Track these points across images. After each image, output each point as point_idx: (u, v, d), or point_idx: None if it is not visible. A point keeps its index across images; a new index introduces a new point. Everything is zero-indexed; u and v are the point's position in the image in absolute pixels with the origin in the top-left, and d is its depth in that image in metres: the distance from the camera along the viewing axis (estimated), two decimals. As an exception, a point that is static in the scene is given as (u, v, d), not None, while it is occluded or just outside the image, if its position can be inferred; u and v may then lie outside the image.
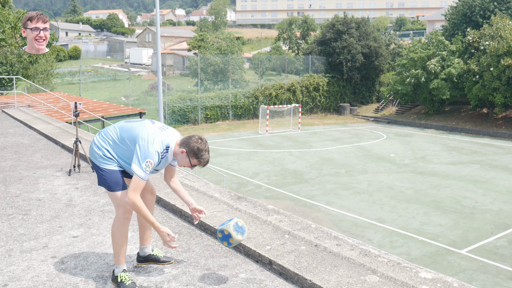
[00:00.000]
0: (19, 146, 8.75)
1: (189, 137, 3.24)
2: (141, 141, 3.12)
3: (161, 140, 3.17)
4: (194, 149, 3.17)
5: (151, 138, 3.13)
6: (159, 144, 3.14)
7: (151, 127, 3.23)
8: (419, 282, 3.03)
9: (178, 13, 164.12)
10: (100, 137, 3.33)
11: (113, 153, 3.28)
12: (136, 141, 3.15)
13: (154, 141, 3.13)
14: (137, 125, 3.26)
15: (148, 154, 3.09)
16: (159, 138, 3.17)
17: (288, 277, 3.32)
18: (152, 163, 3.10)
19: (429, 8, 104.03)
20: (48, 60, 38.00)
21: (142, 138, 3.13)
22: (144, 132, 3.17)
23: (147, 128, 3.20)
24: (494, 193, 17.11)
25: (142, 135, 3.15)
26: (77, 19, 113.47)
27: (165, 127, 3.30)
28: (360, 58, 40.77)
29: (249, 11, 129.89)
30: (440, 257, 11.43)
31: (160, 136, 3.19)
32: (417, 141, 28.88)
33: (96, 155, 3.30)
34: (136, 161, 3.09)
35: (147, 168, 3.09)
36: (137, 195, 3.10)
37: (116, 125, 3.35)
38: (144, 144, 3.11)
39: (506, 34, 31.74)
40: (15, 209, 4.93)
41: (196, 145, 3.17)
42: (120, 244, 3.27)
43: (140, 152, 3.09)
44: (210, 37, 51.01)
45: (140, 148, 3.10)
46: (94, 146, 3.32)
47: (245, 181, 18.37)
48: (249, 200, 4.86)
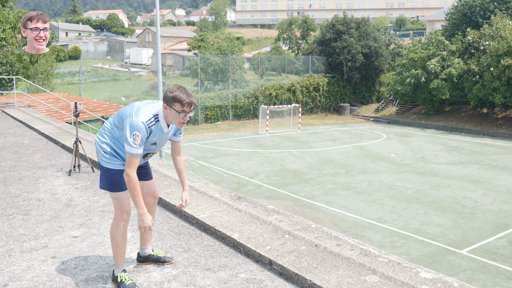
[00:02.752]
0: (19, 146, 8.75)
1: (164, 93, 3.16)
2: (127, 118, 3.09)
3: (148, 110, 3.12)
4: (170, 97, 3.08)
5: (135, 111, 3.10)
6: (145, 115, 3.08)
7: (138, 103, 3.23)
8: (419, 282, 3.03)
9: (178, 13, 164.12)
10: (99, 133, 3.35)
11: (112, 145, 3.26)
12: (123, 120, 3.13)
13: (139, 113, 3.08)
14: (125, 107, 3.27)
15: (134, 127, 3.04)
16: (145, 109, 3.12)
17: (288, 277, 3.32)
18: (139, 136, 3.04)
19: (429, 8, 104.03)
20: (48, 60, 38.01)
21: (127, 114, 3.11)
22: (129, 108, 3.16)
23: (133, 105, 3.19)
24: (494, 193, 17.10)
25: (128, 111, 3.14)
26: (77, 19, 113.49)
27: (154, 101, 3.25)
28: (360, 58, 40.77)
29: (249, 11, 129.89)
30: (440, 257, 11.43)
31: (146, 107, 3.14)
32: (417, 141, 28.88)
33: (99, 153, 3.31)
34: (125, 139, 3.06)
35: (135, 141, 3.04)
36: (132, 171, 3.07)
37: (110, 117, 3.38)
38: (129, 119, 3.07)
39: (506, 34, 31.74)
40: (15, 209, 4.93)
41: (170, 94, 3.09)
42: (119, 245, 3.28)
43: (128, 128, 3.05)
44: (210, 37, 51.00)
45: (127, 124, 3.06)
46: (97, 144, 3.32)
47: (245, 181, 18.36)
48: (249, 200, 4.86)
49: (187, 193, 3.49)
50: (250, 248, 3.67)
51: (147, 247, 3.60)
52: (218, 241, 4.05)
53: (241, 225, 4.14)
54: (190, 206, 4.69)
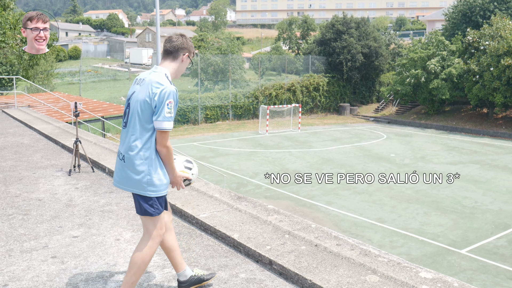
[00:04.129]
0: (19, 146, 8.75)
1: (175, 43, 2.94)
2: (155, 93, 2.78)
3: (159, 76, 2.84)
4: (190, 45, 2.97)
5: (156, 80, 2.80)
6: (164, 79, 2.82)
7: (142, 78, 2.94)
8: (419, 282, 3.03)
9: (178, 13, 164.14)
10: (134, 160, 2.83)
11: (146, 158, 2.85)
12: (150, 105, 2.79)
13: (160, 81, 2.80)
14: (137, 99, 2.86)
15: (167, 94, 2.76)
16: (159, 75, 2.84)
17: (288, 277, 3.32)
18: (173, 102, 2.79)
19: (429, 8, 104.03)
20: (48, 60, 37.99)
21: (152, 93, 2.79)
22: (146, 90, 2.82)
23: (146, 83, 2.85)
24: (494, 193, 17.10)
25: (149, 92, 2.80)
26: (77, 19, 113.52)
27: (154, 68, 2.96)
28: (360, 58, 40.77)
29: (249, 11, 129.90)
30: (440, 257, 11.43)
31: (155, 75, 2.86)
32: (417, 141, 28.88)
33: (140, 182, 2.85)
34: (158, 114, 2.76)
35: (171, 110, 2.79)
36: (169, 142, 2.87)
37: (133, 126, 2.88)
38: (159, 90, 2.77)
39: (506, 34, 31.74)
40: (15, 209, 4.93)
41: (190, 42, 2.98)
42: (143, 271, 2.95)
43: (160, 99, 2.75)
44: (210, 37, 50.98)
45: (158, 97, 2.76)
46: (132, 170, 2.84)
47: (245, 181, 18.36)
48: (249, 200, 4.86)
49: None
50: (250, 248, 3.67)
51: (186, 269, 3.17)
52: (218, 241, 4.05)
53: (241, 225, 4.14)
54: (190, 206, 4.69)
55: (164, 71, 2.89)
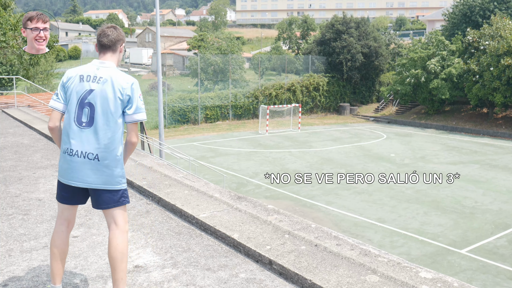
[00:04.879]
0: (19, 146, 8.75)
1: (115, 35, 3.00)
2: (126, 87, 2.88)
3: (118, 72, 2.92)
4: (123, 36, 3.07)
5: (118, 75, 2.89)
6: (123, 73, 2.93)
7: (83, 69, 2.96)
8: (419, 282, 3.03)
9: (178, 13, 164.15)
10: (103, 153, 2.87)
11: (117, 154, 2.92)
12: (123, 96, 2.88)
13: (122, 74, 2.91)
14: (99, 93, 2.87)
15: (138, 88, 2.94)
16: (116, 71, 2.92)
17: (288, 277, 3.32)
18: (141, 93, 2.98)
19: (429, 8, 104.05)
20: (48, 60, 37.96)
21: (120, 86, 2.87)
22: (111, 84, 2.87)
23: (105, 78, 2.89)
24: (494, 193, 17.10)
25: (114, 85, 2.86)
26: (77, 19, 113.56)
27: (97, 61, 2.98)
28: (360, 58, 40.77)
29: (249, 11, 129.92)
30: (440, 257, 11.43)
31: (112, 71, 2.91)
32: (417, 141, 28.88)
33: (113, 178, 2.91)
34: (136, 109, 2.88)
35: (142, 101, 2.96)
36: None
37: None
38: (129, 84, 2.89)
39: (506, 34, 31.74)
40: (15, 209, 4.93)
41: (123, 32, 3.08)
42: (126, 262, 2.94)
43: (135, 94, 2.90)
44: (210, 37, 50.99)
45: (132, 91, 2.88)
46: (108, 168, 2.88)
47: (245, 181, 18.36)
48: (249, 200, 4.86)
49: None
50: (250, 248, 3.67)
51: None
52: (218, 241, 4.05)
53: (241, 225, 4.14)
54: (190, 206, 4.70)
55: (113, 65, 2.96)
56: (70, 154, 2.86)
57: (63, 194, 2.97)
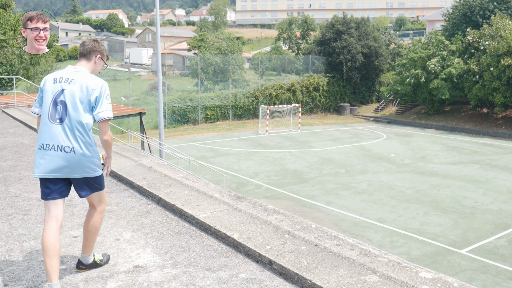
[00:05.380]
0: (19, 146, 8.75)
1: (89, 46, 3.37)
2: (94, 88, 3.19)
3: (89, 75, 3.28)
4: (104, 49, 3.46)
5: (89, 77, 3.24)
6: (93, 76, 3.29)
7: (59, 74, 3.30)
8: (419, 282, 3.03)
9: (178, 13, 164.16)
10: (80, 142, 3.18)
11: (91, 145, 3.23)
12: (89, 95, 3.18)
13: (93, 76, 3.28)
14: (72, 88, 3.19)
15: (106, 88, 3.27)
16: (87, 74, 3.28)
17: (288, 277, 3.32)
18: (109, 94, 3.28)
19: (429, 8, 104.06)
20: (48, 60, 38.00)
21: (90, 86, 3.19)
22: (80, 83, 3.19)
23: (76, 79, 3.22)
24: (494, 193, 17.11)
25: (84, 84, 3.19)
26: (77, 19, 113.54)
27: (71, 66, 3.35)
28: (360, 58, 40.77)
29: (249, 11, 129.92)
30: (440, 257, 11.43)
31: (83, 74, 3.26)
32: (417, 141, 28.88)
33: (88, 165, 3.21)
34: (98, 108, 3.17)
35: (109, 101, 3.27)
36: (109, 131, 3.33)
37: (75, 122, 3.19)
38: (98, 84, 3.22)
39: (506, 34, 31.74)
40: (15, 209, 4.93)
41: (103, 47, 3.46)
42: (97, 235, 3.47)
43: (102, 92, 3.20)
44: (210, 37, 51.01)
45: (98, 90, 3.19)
46: (84, 158, 3.17)
47: (245, 181, 18.36)
48: (249, 200, 4.86)
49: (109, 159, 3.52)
50: (250, 248, 3.67)
51: (90, 255, 3.49)
52: (218, 241, 4.05)
53: (241, 225, 4.14)
54: (190, 206, 4.70)
55: (85, 70, 3.32)
56: (46, 149, 3.16)
57: (45, 190, 3.19)
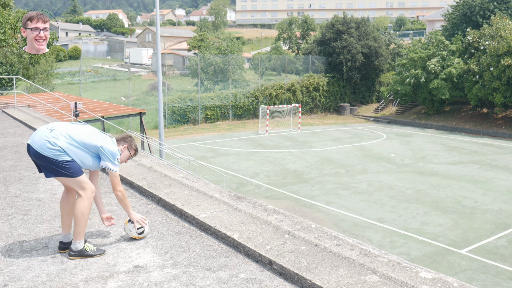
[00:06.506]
0: (19, 146, 8.75)
1: (123, 136, 4.09)
2: (104, 145, 3.78)
3: (111, 141, 3.93)
4: (134, 145, 4.10)
5: (109, 141, 3.86)
6: (113, 145, 3.88)
7: (103, 137, 3.91)
8: (419, 282, 3.03)
9: (178, 13, 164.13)
10: (53, 138, 3.62)
11: (69, 153, 3.66)
12: (97, 146, 3.75)
13: (112, 144, 3.88)
14: (87, 133, 3.79)
15: (115, 153, 3.84)
16: (109, 140, 3.91)
17: (288, 277, 3.32)
18: (119, 157, 3.87)
19: (429, 8, 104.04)
20: (48, 60, 37.99)
21: (103, 143, 3.80)
22: (101, 139, 3.82)
23: (101, 135, 3.86)
24: (494, 193, 17.11)
25: (102, 141, 3.80)
26: (77, 19, 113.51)
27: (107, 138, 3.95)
28: (360, 58, 40.77)
29: (249, 11, 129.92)
30: (440, 257, 11.43)
31: (108, 139, 3.94)
32: (417, 141, 28.88)
33: (53, 151, 3.58)
34: (107, 160, 3.76)
35: (118, 163, 3.84)
36: (121, 186, 3.89)
37: (66, 131, 3.71)
38: (108, 146, 3.81)
39: (506, 34, 31.74)
40: (15, 209, 4.93)
41: (134, 143, 4.08)
42: (86, 221, 3.67)
43: (108, 152, 3.78)
44: (210, 37, 51.01)
45: (106, 150, 3.77)
46: (49, 143, 3.57)
47: (245, 181, 18.37)
48: (249, 200, 4.86)
49: (107, 214, 4.11)
50: (250, 248, 3.67)
51: (71, 233, 3.83)
52: (218, 241, 4.05)
53: (241, 225, 4.14)
54: (190, 206, 4.70)
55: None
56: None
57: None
